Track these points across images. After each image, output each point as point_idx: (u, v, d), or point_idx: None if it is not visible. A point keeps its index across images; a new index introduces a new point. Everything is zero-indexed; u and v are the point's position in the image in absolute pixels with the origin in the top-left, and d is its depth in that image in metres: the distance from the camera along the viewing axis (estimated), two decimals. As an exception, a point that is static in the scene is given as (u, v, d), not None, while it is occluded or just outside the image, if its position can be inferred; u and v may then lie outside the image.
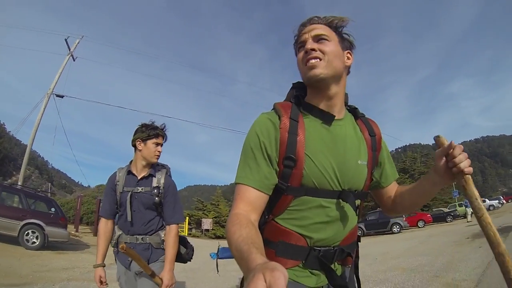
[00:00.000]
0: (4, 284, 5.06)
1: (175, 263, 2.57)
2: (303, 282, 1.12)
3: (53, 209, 10.29)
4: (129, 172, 2.58)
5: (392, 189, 1.37)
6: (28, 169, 64.79)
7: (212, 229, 28.33)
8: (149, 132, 2.55)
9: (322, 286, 1.17)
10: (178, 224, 2.55)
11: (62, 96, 19.16)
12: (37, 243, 9.23)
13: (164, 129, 2.69)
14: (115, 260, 2.51)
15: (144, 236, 2.49)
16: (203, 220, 28.93)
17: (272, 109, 1.22)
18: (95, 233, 16.11)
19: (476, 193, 1.02)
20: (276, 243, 1.14)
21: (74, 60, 20.51)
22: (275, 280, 0.53)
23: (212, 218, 29.73)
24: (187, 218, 29.48)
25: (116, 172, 2.64)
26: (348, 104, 1.32)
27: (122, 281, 2.53)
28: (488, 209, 37.64)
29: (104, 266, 2.53)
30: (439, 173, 1.07)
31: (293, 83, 1.32)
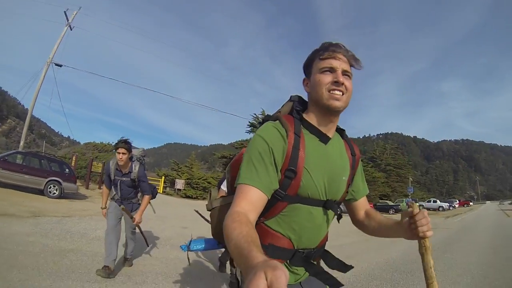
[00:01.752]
0: (56, 216, 8.99)
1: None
2: None
3: (67, 170, 14.39)
4: (118, 169, 4.58)
5: (363, 203, 1.59)
6: (13, 120, 67.15)
7: (184, 189, 30.38)
8: (115, 146, 4.49)
9: (300, 282, 1.37)
10: (148, 195, 4.77)
11: (60, 65, 22.44)
12: (56, 194, 13.37)
13: (123, 142, 4.42)
14: (110, 202, 4.74)
15: (125, 200, 4.73)
16: (177, 180, 30.96)
17: (277, 121, 1.33)
18: (87, 186, 20.18)
19: (431, 262, 1.15)
20: (266, 246, 1.27)
21: (71, 29, 23.41)
22: (277, 278, 0.57)
23: (185, 179, 31.40)
24: (163, 177, 31.61)
25: (110, 162, 4.62)
26: (337, 125, 1.46)
27: (110, 210, 4.62)
28: (437, 210, 45.23)
29: (106, 208, 4.73)
30: (403, 228, 1.25)
31: (291, 96, 1.49)
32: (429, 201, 50.10)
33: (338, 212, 1.45)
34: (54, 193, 13.36)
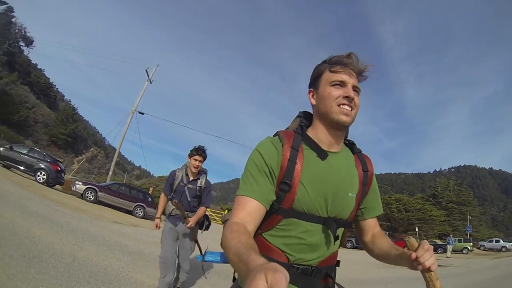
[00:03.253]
0: (146, 228, 13.31)
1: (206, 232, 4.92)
2: None
3: (149, 198, 19.70)
4: (186, 174, 4.53)
5: (371, 225, 1.50)
6: (95, 149, 76.69)
7: (246, 221, 34.49)
8: (191, 152, 4.51)
9: None
10: (206, 207, 4.59)
11: (142, 113, 29.00)
12: (141, 214, 18.44)
13: (201, 150, 4.51)
14: (165, 221, 4.52)
15: (188, 212, 4.39)
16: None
17: (276, 136, 1.37)
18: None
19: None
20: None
21: (151, 83, 29.78)
22: (277, 281, 0.57)
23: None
24: (226, 210, 35.82)
25: (176, 170, 4.61)
26: (347, 138, 1.49)
27: (165, 232, 4.42)
28: (500, 250, 42.41)
29: (160, 219, 4.60)
30: (407, 262, 1.16)
31: (299, 112, 1.52)
32: (491, 241, 47.09)
33: (336, 234, 1.33)
34: (140, 214, 18.45)
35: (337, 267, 1.46)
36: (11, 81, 54.44)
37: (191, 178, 4.55)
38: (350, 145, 1.48)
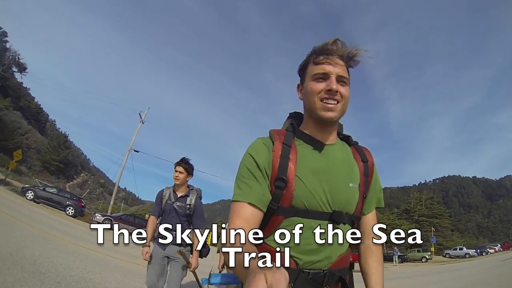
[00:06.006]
0: None
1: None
2: None
3: (149, 225, 26.93)
4: (174, 191, 4.25)
5: (369, 222, 1.44)
6: (86, 174, 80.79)
7: (228, 243, 39.23)
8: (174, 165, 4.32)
9: None
10: (201, 229, 4.11)
11: (137, 151, 33.76)
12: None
13: (182, 161, 4.28)
14: (153, 243, 4.14)
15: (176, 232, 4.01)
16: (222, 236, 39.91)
17: (268, 136, 1.37)
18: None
19: None
20: None
21: (143, 123, 34.37)
22: (276, 281, 0.58)
23: (232, 235, 40.86)
24: (210, 234, 41.96)
25: (164, 189, 4.35)
26: (342, 133, 1.49)
27: (153, 256, 4.07)
28: (464, 257, 45.88)
29: (149, 246, 4.07)
30: None
31: (290, 113, 1.55)
32: (455, 249, 50.36)
33: (351, 226, 1.34)
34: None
35: (352, 271, 1.43)
36: (4, 106, 56.45)
37: (178, 195, 4.27)
38: (346, 138, 1.49)
